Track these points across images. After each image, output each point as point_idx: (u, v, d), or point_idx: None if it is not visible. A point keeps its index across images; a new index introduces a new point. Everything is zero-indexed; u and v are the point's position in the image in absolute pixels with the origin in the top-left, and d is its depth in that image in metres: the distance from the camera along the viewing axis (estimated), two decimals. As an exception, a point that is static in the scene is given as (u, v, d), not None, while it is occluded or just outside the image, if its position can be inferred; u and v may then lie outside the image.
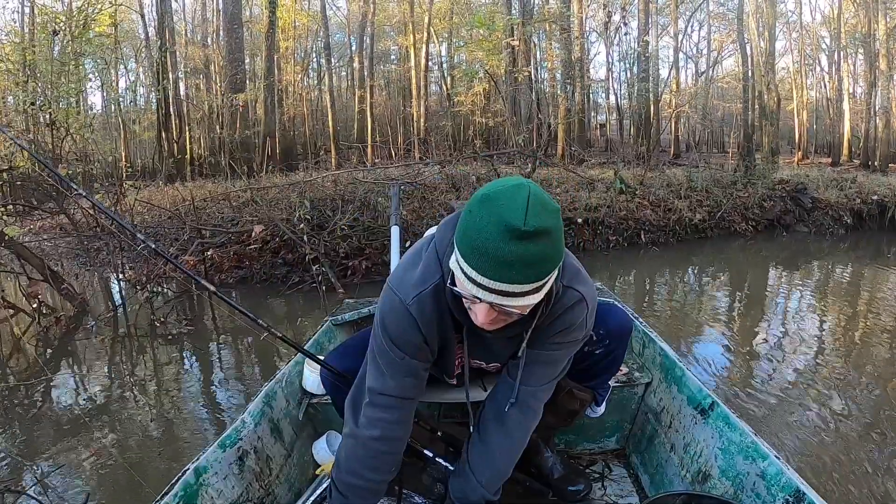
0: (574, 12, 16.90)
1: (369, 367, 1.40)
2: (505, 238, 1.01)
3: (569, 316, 1.32)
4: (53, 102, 8.23)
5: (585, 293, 1.32)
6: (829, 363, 4.21)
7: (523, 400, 1.42)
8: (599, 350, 1.68)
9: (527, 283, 1.05)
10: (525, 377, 1.39)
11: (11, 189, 8.94)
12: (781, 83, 23.17)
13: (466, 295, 1.12)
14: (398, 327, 1.31)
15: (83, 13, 11.07)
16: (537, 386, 1.42)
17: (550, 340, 1.36)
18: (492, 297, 1.07)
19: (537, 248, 1.03)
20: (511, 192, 1.05)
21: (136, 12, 19.54)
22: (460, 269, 1.09)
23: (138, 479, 2.68)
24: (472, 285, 1.08)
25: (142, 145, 23.25)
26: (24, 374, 4.36)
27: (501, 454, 1.46)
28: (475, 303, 1.13)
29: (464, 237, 1.07)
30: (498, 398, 1.46)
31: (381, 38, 25.48)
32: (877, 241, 9.86)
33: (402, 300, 1.29)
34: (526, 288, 1.06)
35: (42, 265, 5.57)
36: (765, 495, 1.45)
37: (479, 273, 1.05)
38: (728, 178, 11.40)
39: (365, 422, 1.37)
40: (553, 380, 1.46)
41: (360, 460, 1.38)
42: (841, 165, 19.61)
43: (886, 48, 18.75)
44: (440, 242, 1.29)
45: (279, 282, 6.80)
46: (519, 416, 1.43)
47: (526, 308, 1.12)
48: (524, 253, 1.02)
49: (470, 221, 1.06)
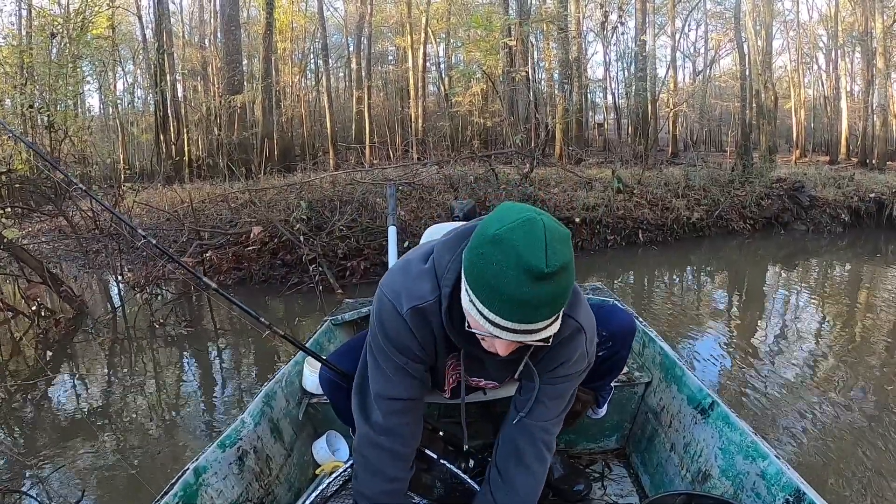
0: (571, 12, 16.92)
1: (372, 373, 1.37)
2: (527, 282, 0.98)
3: (568, 347, 1.31)
4: (52, 105, 8.23)
5: (584, 322, 1.31)
6: (827, 361, 4.23)
7: (537, 436, 1.41)
8: (602, 352, 1.65)
9: (550, 318, 1.04)
10: (535, 415, 1.39)
11: (10, 191, 8.93)
12: (779, 82, 23.18)
13: (485, 335, 1.09)
14: (395, 332, 1.28)
15: (81, 15, 11.07)
16: (548, 420, 1.42)
17: (554, 374, 1.36)
18: (514, 336, 1.05)
19: (560, 285, 1.01)
20: (525, 230, 1.00)
21: (134, 14, 19.52)
22: (478, 312, 1.06)
23: (138, 480, 2.69)
24: (492, 327, 1.04)
25: (140, 147, 23.20)
26: (24, 377, 4.36)
27: (525, 491, 1.43)
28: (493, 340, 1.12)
29: (479, 281, 1.03)
30: (512, 437, 1.44)
31: (378, 39, 25.47)
32: (874, 239, 9.88)
33: (396, 308, 1.25)
34: (548, 322, 1.05)
35: (41, 267, 5.57)
36: (765, 495, 1.45)
37: (502, 317, 1.02)
38: (726, 176, 11.41)
39: (381, 428, 1.36)
40: (563, 411, 1.45)
41: (383, 462, 1.37)
42: (839, 163, 19.61)
43: (883, 46, 18.77)
44: (439, 265, 1.24)
45: (278, 282, 6.80)
46: (536, 452, 1.42)
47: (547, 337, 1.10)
48: (549, 293, 1.00)
49: (484, 265, 1.02)
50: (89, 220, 7.62)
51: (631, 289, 6.98)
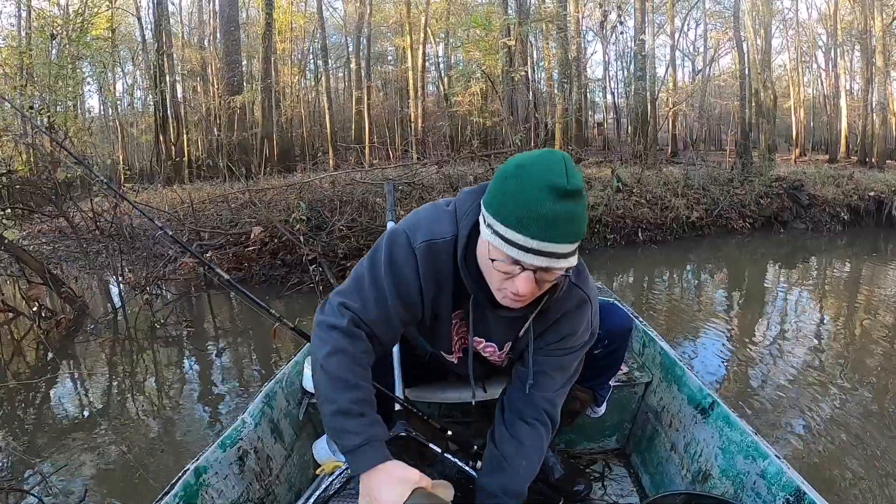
0: (570, 12, 16.92)
1: (351, 288, 1.28)
2: (552, 198, 1.03)
3: (574, 319, 1.34)
4: (52, 106, 8.23)
5: (590, 294, 1.34)
6: (827, 360, 4.23)
7: (541, 406, 1.40)
8: (599, 350, 1.66)
9: (571, 242, 1.08)
10: (540, 385, 1.39)
11: (10, 192, 8.94)
12: (778, 81, 23.18)
13: (507, 267, 1.10)
14: (400, 264, 1.24)
15: (80, 17, 11.07)
16: (553, 391, 1.41)
17: (559, 346, 1.37)
18: (539, 260, 1.07)
19: (578, 206, 1.07)
20: (546, 157, 1.08)
21: (133, 15, 19.53)
22: (501, 239, 1.08)
23: (140, 478, 2.70)
24: (518, 251, 1.07)
25: (139, 148, 23.20)
26: (25, 377, 4.37)
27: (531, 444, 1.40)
28: (513, 276, 1.12)
29: (504, 204, 1.07)
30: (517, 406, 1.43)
31: (378, 39, 25.47)
32: (874, 238, 9.89)
33: (410, 239, 1.23)
34: (569, 248, 1.08)
35: (41, 268, 5.58)
36: (765, 495, 1.45)
37: (528, 236, 1.05)
38: (725, 175, 11.41)
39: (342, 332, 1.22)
40: (566, 384, 1.45)
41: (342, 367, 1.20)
42: (838, 162, 19.61)
43: (883, 45, 18.77)
44: (460, 207, 1.26)
45: (278, 283, 6.81)
46: (540, 419, 1.41)
47: (562, 272, 1.13)
48: (571, 211, 1.05)
49: (508, 188, 1.07)
50: (90, 221, 7.63)
51: (630, 288, 6.99)
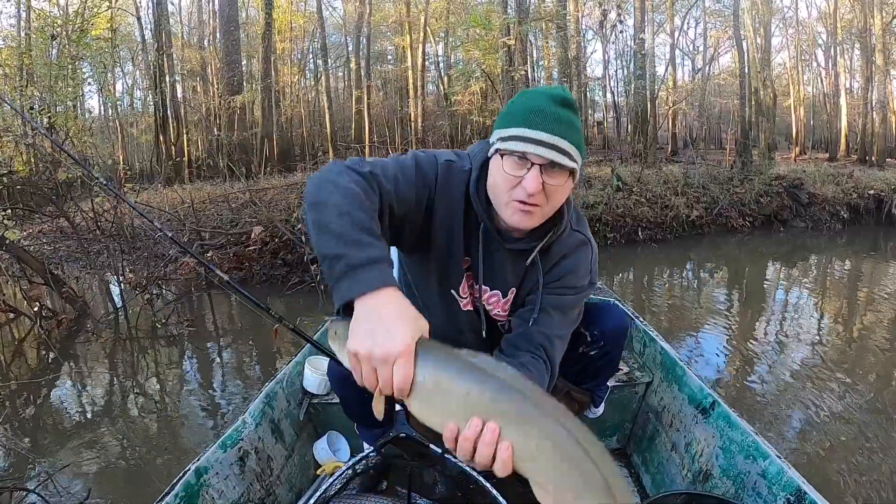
0: (570, 11, 16.90)
1: (372, 160, 1.29)
2: (552, 102, 1.22)
3: (575, 258, 1.40)
4: (52, 107, 8.24)
5: (589, 238, 1.45)
6: (827, 358, 4.24)
7: (540, 341, 1.37)
8: (594, 351, 1.68)
9: (571, 141, 1.21)
10: (540, 321, 1.37)
11: (10, 193, 8.94)
12: (778, 79, 23.17)
13: (517, 169, 1.21)
14: (422, 161, 1.34)
15: (80, 17, 11.07)
16: (552, 331, 1.38)
17: (560, 284, 1.39)
18: (544, 151, 1.19)
19: (575, 115, 1.24)
20: (545, 86, 1.30)
21: (133, 15, 19.52)
22: (510, 140, 1.22)
23: (142, 477, 2.71)
24: (525, 144, 1.20)
25: (139, 148, 23.18)
26: (27, 377, 4.38)
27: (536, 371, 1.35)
28: (522, 180, 1.21)
29: (512, 113, 1.24)
30: (515, 343, 1.39)
31: (377, 38, 25.44)
32: (873, 236, 9.89)
33: (436, 157, 1.37)
34: (571, 148, 1.21)
35: (42, 269, 5.59)
36: (766, 494, 1.45)
37: (534, 129, 1.19)
38: (725, 174, 11.42)
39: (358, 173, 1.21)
40: (563, 328, 1.43)
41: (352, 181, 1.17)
42: (838, 161, 19.59)
43: (882, 43, 18.74)
44: (473, 150, 1.42)
45: (279, 282, 6.82)
46: (537, 357, 1.36)
47: (564, 175, 1.24)
48: (570, 117, 1.22)
49: (515, 104, 1.27)
50: (90, 221, 7.63)
51: (630, 287, 7.00)
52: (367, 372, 0.92)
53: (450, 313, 1.55)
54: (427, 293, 1.55)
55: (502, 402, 0.84)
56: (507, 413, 0.84)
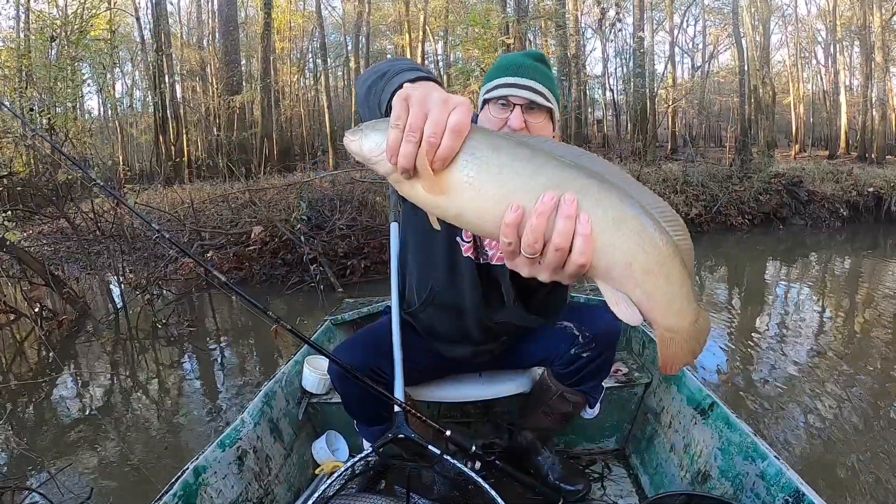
0: (569, 9, 16.90)
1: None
2: (527, 58, 1.47)
3: None
4: (51, 108, 8.24)
5: None
6: (827, 356, 4.24)
7: None
8: (587, 353, 1.69)
9: (545, 86, 1.43)
10: None
11: (11, 194, 8.95)
12: (778, 77, 23.18)
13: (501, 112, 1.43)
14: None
15: (79, 17, 11.07)
16: None
17: None
18: (523, 92, 1.41)
19: (548, 68, 1.48)
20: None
21: (132, 15, 19.52)
22: (496, 87, 1.44)
23: (144, 477, 2.72)
24: (505, 89, 1.42)
25: (139, 148, 23.18)
26: (28, 377, 4.39)
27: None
28: (507, 121, 1.42)
29: (496, 67, 1.49)
30: None
31: (376, 37, 25.46)
32: (873, 233, 9.89)
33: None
34: (546, 91, 1.43)
35: (43, 269, 5.60)
36: (764, 495, 1.46)
37: (511, 76, 1.43)
38: (724, 172, 11.41)
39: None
40: None
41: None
42: (838, 158, 19.58)
43: (882, 40, 18.73)
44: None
45: (279, 282, 6.82)
46: None
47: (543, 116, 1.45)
48: (542, 67, 1.46)
49: (498, 61, 1.52)
50: (91, 222, 7.64)
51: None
52: (417, 115, 0.72)
53: (451, 265, 1.61)
54: (431, 247, 1.63)
55: (577, 173, 0.71)
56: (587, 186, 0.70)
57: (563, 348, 1.72)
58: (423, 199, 0.75)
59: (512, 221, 0.70)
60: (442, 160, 0.71)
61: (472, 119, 0.74)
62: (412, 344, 1.74)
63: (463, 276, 1.61)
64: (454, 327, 1.71)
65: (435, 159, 0.71)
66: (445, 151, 0.71)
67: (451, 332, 1.73)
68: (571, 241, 0.68)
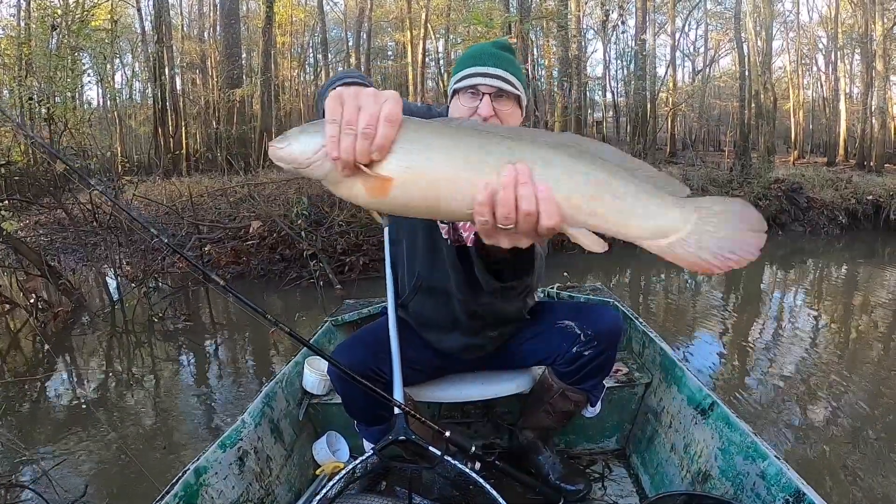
0: (571, 10, 16.89)
1: None
2: (493, 47, 1.51)
3: None
4: (51, 97, 8.20)
5: None
6: (824, 362, 4.25)
7: None
8: (589, 351, 1.69)
9: (509, 72, 1.47)
10: None
11: (8, 184, 8.90)
12: (778, 82, 23.20)
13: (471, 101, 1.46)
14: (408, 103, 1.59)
15: (80, 7, 11.02)
16: None
17: None
18: (491, 80, 1.45)
19: (511, 54, 1.53)
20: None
21: (133, 6, 19.43)
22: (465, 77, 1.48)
23: (138, 473, 2.69)
24: (473, 78, 1.46)
25: (138, 140, 23.09)
26: (22, 370, 4.37)
27: None
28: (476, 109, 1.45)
29: (463, 58, 1.52)
30: None
31: (378, 34, 25.40)
32: (871, 241, 9.91)
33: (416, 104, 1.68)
34: (513, 79, 1.47)
35: (39, 260, 5.56)
36: (765, 495, 1.45)
37: (479, 65, 1.46)
38: (724, 176, 11.44)
39: None
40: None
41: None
42: (837, 165, 19.63)
43: (883, 49, 18.75)
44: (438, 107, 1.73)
45: (277, 277, 6.80)
46: None
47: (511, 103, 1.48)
48: (508, 55, 1.51)
49: (465, 52, 1.54)
50: (88, 213, 7.61)
51: (629, 288, 7.00)
52: (351, 110, 0.74)
53: (433, 248, 1.65)
54: (414, 234, 1.68)
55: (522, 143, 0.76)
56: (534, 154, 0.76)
57: (565, 347, 1.72)
58: (363, 196, 0.77)
59: (486, 200, 0.74)
60: (379, 149, 0.73)
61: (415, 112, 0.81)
62: (409, 341, 1.74)
63: (444, 259, 1.64)
64: (442, 313, 1.73)
65: (372, 149, 0.73)
66: (382, 140, 0.73)
67: (440, 318, 1.75)
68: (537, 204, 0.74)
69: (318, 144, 0.77)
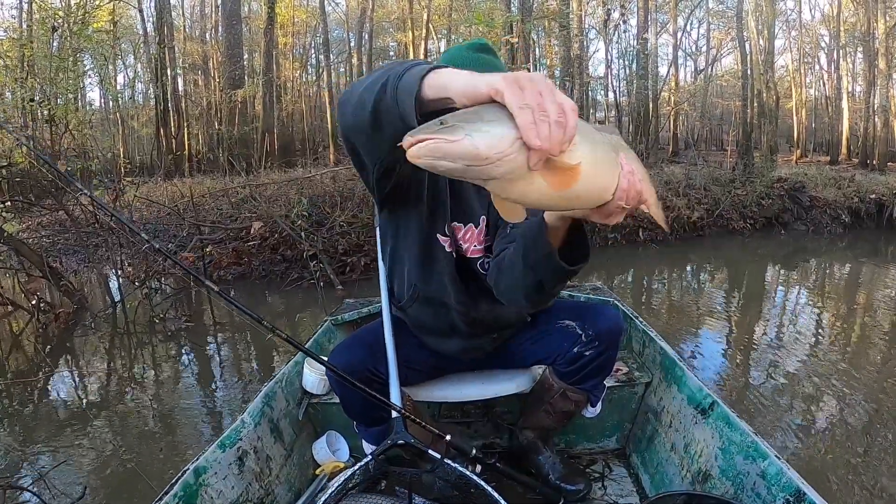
0: (573, 9, 16.88)
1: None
2: (470, 49, 1.55)
3: None
4: (52, 99, 8.21)
5: None
6: (826, 361, 4.23)
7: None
8: (590, 351, 1.68)
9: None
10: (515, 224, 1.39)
11: (10, 185, 8.92)
12: (780, 81, 23.15)
13: None
14: None
15: (82, 9, 11.04)
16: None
17: None
18: None
19: (494, 57, 1.56)
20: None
21: (135, 8, 19.46)
22: None
23: (138, 474, 2.69)
24: None
25: (140, 141, 23.15)
26: (24, 371, 4.37)
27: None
28: None
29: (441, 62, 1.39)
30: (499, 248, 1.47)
31: (379, 34, 25.42)
32: (874, 240, 9.88)
33: None
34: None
35: (41, 261, 5.57)
36: (765, 495, 1.45)
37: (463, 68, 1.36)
38: (726, 175, 11.40)
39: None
40: None
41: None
42: (839, 164, 19.59)
43: (886, 47, 18.72)
44: None
45: (278, 278, 6.80)
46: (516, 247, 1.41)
47: None
48: (488, 57, 1.53)
49: (443, 56, 1.58)
50: (89, 215, 7.61)
51: (630, 287, 6.99)
52: (534, 97, 0.68)
53: (430, 261, 1.62)
54: (410, 244, 1.62)
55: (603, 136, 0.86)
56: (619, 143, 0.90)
57: (566, 347, 1.72)
58: (542, 192, 0.71)
59: (629, 186, 0.85)
60: (571, 139, 0.69)
61: None
62: (407, 342, 1.75)
63: (443, 271, 1.62)
64: (441, 321, 1.72)
65: (566, 138, 0.68)
66: (573, 130, 0.69)
67: (438, 325, 1.74)
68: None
69: (512, 135, 0.67)
